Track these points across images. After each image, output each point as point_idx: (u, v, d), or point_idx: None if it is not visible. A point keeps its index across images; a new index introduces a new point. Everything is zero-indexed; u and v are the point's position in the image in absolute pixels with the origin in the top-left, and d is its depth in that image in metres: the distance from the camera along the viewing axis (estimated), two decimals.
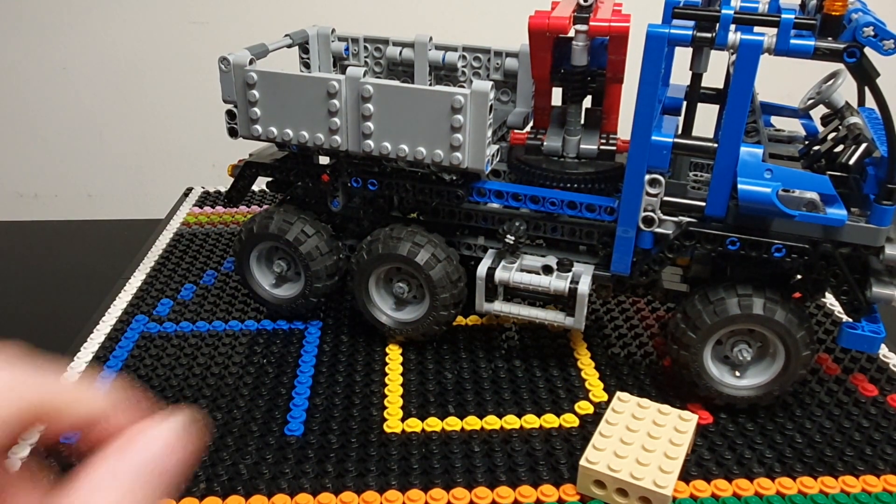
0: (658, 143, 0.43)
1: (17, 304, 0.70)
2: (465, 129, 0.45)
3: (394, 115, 0.46)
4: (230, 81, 0.51)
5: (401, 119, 0.46)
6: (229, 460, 0.42)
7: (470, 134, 0.45)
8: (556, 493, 0.41)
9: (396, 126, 0.47)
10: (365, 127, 0.47)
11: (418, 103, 0.45)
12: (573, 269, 0.47)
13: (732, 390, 0.46)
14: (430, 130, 0.46)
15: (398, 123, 0.46)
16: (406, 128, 0.46)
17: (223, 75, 0.51)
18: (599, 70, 0.49)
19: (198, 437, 0.21)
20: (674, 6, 0.42)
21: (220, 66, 0.50)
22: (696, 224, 0.44)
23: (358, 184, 0.51)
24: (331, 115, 0.48)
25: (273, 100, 0.49)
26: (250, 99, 0.49)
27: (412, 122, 0.46)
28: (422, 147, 0.46)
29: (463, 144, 0.45)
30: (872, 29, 0.39)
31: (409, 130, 0.46)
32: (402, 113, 0.46)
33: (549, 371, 0.51)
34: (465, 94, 0.44)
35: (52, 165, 1.17)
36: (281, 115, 0.49)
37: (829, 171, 0.44)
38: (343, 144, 0.48)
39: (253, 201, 0.80)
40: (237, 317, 0.57)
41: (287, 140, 0.50)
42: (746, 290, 0.44)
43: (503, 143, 0.53)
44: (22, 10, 1.08)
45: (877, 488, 0.41)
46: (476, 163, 0.46)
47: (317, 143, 0.49)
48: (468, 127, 0.45)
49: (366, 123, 0.47)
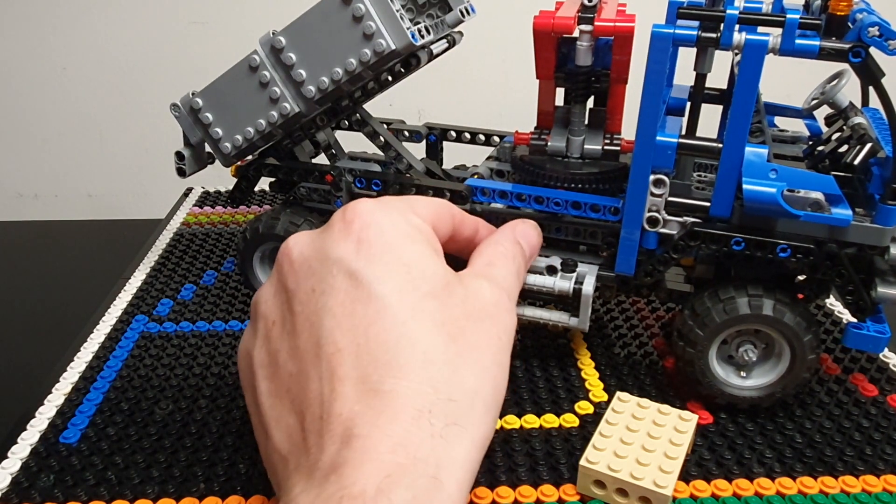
0: (663, 144, 0.43)
1: (17, 304, 0.70)
2: (369, 14, 0.45)
3: (311, 48, 0.46)
4: (187, 121, 0.51)
5: (318, 46, 0.46)
6: (228, 460, 0.42)
7: (377, 15, 0.45)
8: (556, 493, 0.40)
9: (319, 55, 0.46)
10: (296, 75, 0.47)
11: (320, 20, 0.45)
12: (577, 270, 0.47)
13: (735, 390, 0.46)
14: (344, 36, 0.46)
15: (318, 52, 0.46)
16: (326, 50, 0.46)
17: (180, 120, 0.52)
18: (603, 70, 0.49)
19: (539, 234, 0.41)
20: (678, 6, 0.42)
21: (174, 114, 0.52)
22: (700, 224, 0.44)
23: (362, 184, 0.51)
24: (265, 86, 0.48)
25: (222, 110, 0.50)
26: (205, 122, 0.50)
27: (327, 41, 0.46)
28: (350, 58, 0.46)
29: (377, 28, 0.45)
30: (878, 29, 0.39)
31: (330, 51, 0.46)
32: (315, 40, 0.46)
33: (549, 371, 0.51)
34: None
35: (52, 165, 1.16)
36: (235, 119, 0.50)
37: (834, 172, 0.44)
38: (291, 108, 0.48)
39: (252, 201, 0.80)
40: (237, 317, 0.57)
41: (251, 138, 0.50)
42: (757, 290, 0.44)
43: (451, 38, 0.52)
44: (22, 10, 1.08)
45: (877, 488, 0.41)
46: (400, 39, 0.45)
47: (271, 121, 0.49)
48: (370, 9, 0.45)
49: (296, 71, 0.47)
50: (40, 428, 0.44)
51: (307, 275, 0.32)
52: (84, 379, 0.49)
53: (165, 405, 0.46)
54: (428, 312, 0.30)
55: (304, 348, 0.30)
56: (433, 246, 0.34)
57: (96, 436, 0.44)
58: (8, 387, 0.57)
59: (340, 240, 0.32)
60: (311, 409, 0.29)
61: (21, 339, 0.64)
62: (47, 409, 0.46)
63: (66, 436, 0.44)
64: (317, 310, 0.31)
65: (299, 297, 0.32)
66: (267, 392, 0.32)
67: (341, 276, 0.31)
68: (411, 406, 0.28)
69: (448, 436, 0.28)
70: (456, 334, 0.31)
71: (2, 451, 0.42)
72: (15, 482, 0.40)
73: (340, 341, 0.29)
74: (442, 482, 0.27)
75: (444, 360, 0.29)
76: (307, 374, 0.30)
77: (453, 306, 0.31)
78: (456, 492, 0.27)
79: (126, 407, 0.46)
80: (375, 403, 0.28)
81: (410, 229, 0.33)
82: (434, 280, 0.32)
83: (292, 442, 0.30)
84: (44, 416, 0.45)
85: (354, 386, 0.28)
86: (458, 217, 0.38)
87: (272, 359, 0.32)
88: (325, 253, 0.32)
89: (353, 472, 0.26)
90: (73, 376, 0.49)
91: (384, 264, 0.31)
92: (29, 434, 0.44)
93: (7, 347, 0.63)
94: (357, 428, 0.27)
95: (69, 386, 0.48)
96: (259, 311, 0.34)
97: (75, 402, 0.47)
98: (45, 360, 0.53)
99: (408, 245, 0.32)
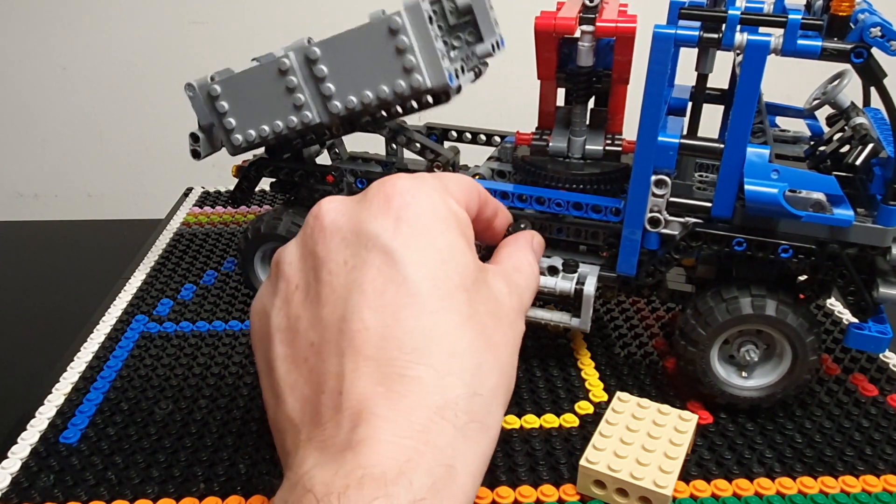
0: (665, 144, 0.43)
1: (17, 304, 0.70)
2: (412, 49, 0.44)
3: (346, 66, 0.46)
4: (200, 105, 0.51)
5: (353, 67, 0.46)
6: (228, 460, 0.42)
7: (419, 51, 0.44)
8: (556, 493, 0.40)
9: (352, 76, 0.46)
10: (325, 89, 0.47)
11: (362, 43, 0.45)
12: (579, 270, 0.47)
13: (735, 390, 0.46)
14: (383, 65, 0.45)
15: (353, 72, 0.46)
16: (361, 73, 0.46)
17: (193, 101, 0.51)
18: (605, 71, 0.49)
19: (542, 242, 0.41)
20: (680, 7, 0.42)
21: (188, 94, 0.51)
22: (702, 225, 0.44)
23: (363, 185, 0.51)
24: (291, 91, 0.47)
25: (240, 102, 0.49)
26: (220, 111, 0.50)
27: (364, 64, 0.45)
28: (383, 85, 0.46)
29: (417, 64, 0.45)
30: (880, 29, 0.39)
31: (365, 74, 0.46)
32: (352, 61, 0.46)
33: (549, 371, 0.51)
34: (398, 12, 0.44)
35: (52, 165, 1.16)
36: (252, 115, 0.49)
37: (835, 172, 0.44)
38: (314, 117, 0.48)
39: (252, 201, 0.80)
40: (237, 317, 0.57)
41: (265, 136, 0.50)
42: (760, 290, 0.44)
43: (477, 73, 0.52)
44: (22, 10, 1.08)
45: (877, 488, 0.41)
46: (437, 79, 0.45)
47: (290, 125, 0.49)
48: (414, 44, 0.44)
49: (325, 85, 0.47)
50: (40, 428, 0.44)
51: (340, 245, 0.31)
52: (84, 379, 0.49)
53: (165, 405, 0.46)
54: (457, 305, 0.30)
55: (329, 320, 0.30)
56: (466, 234, 0.33)
57: (96, 436, 0.44)
58: (8, 387, 0.57)
59: (379, 215, 0.31)
60: (329, 382, 0.29)
61: (21, 339, 0.64)
62: (47, 409, 0.46)
63: (66, 436, 0.44)
64: (346, 283, 0.30)
65: (329, 266, 0.31)
66: (283, 357, 0.31)
67: (376, 253, 0.30)
68: (437, 395, 0.28)
69: (468, 431, 0.28)
70: (480, 330, 0.30)
71: (2, 451, 0.42)
72: (15, 482, 0.40)
73: (368, 319, 0.29)
74: (458, 473, 0.27)
75: (470, 354, 0.29)
76: (329, 347, 0.29)
77: (479, 302, 0.31)
78: (470, 486, 0.27)
79: (126, 407, 0.46)
80: (399, 388, 0.27)
81: (447, 213, 0.33)
82: (466, 273, 0.31)
83: (305, 412, 0.29)
84: (44, 416, 0.45)
85: (378, 367, 0.28)
86: (483, 197, 0.38)
87: (291, 323, 0.31)
88: (361, 225, 0.31)
89: (372, 452, 0.26)
90: (73, 376, 0.49)
91: (420, 249, 0.30)
92: (29, 434, 0.44)
93: (7, 347, 0.63)
94: (378, 408, 0.27)
95: (69, 386, 0.48)
96: (282, 270, 0.33)
97: (75, 402, 0.47)
98: (45, 360, 0.53)
99: (444, 231, 0.32)
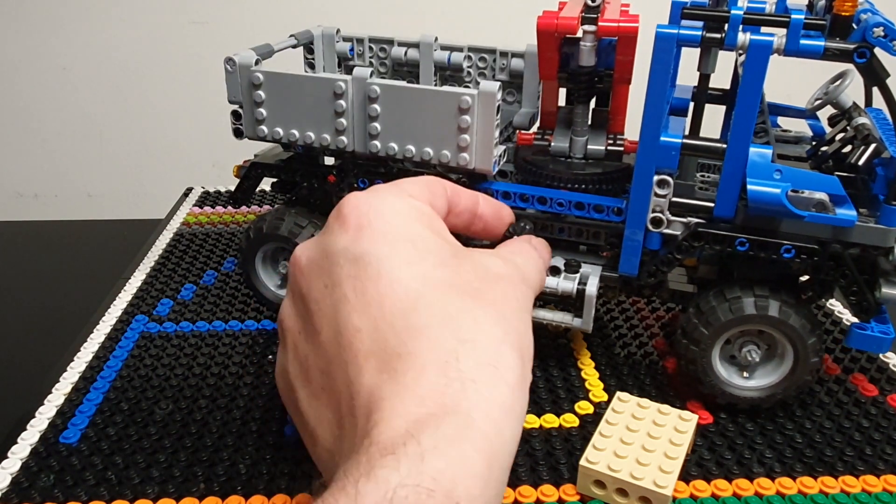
0: (667, 144, 0.43)
1: (17, 304, 0.70)
2: (472, 130, 0.45)
3: (400, 116, 0.46)
4: (236, 82, 0.50)
5: (407, 119, 0.46)
6: (228, 460, 0.42)
7: (477, 134, 0.45)
8: (556, 493, 0.40)
9: (403, 126, 0.46)
10: (371, 127, 0.47)
11: (425, 104, 0.45)
12: (581, 271, 0.47)
13: (736, 390, 0.46)
14: (438, 131, 0.46)
15: (405, 124, 0.46)
16: (413, 128, 0.46)
17: (229, 76, 0.50)
18: (607, 70, 0.49)
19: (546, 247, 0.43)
20: (682, 7, 0.42)
21: (227, 67, 0.50)
22: (704, 225, 0.44)
23: (365, 185, 0.51)
24: (337, 115, 0.47)
25: (279, 100, 0.49)
26: (256, 100, 0.49)
27: (419, 122, 0.46)
28: (429, 148, 0.46)
29: (470, 145, 0.45)
30: (882, 29, 0.39)
31: (416, 131, 0.46)
32: (408, 113, 0.46)
33: (549, 371, 0.51)
34: (472, 94, 0.44)
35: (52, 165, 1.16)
36: (287, 116, 0.49)
37: (838, 172, 0.44)
38: (349, 145, 0.48)
39: (252, 202, 0.80)
40: (237, 317, 0.57)
41: (293, 141, 0.49)
42: (763, 291, 0.43)
43: (509, 143, 0.53)
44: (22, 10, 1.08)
45: (877, 488, 0.41)
46: (483, 163, 0.46)
47: (323, 143, 0.49)
48: (475, 128, 0.45)
49: (372, 124, 0.47)
50: (40, 428, 0.44)
51: (317, 274, 0.32)
52: (84, 379, 0.49)
53: (165, 405, 0.46)
54: (439, 279, 0.30)
55: (328, 342, 0.31)
56: (434, 224, 0.34)
57: (96, 436, 0.44)
58: (8, 387, 0.57)
59: (340, 233, 0.32)
60: (342, 395, 0.29)
61: (21, 339, 0.64)
62: (47, 409, 0.46)
63: (66, 436, 0.43)
64: (332, 303, 0.31)
65: (313, 296, 0.32)
66: (305, 398, 0.32)
67: (348, 265, 0.31)
68: (435, 358, 0.28)
69: (479, 377, 0.27)
70: (472, 293, 0.31)
71: (2, 451, 0.42)
72: (15, 482, 0.40)
73: (358, 322, 0.30)
74: (473, 420, 0.26)
75: (463, 313, 0.29)
76: (334, 365, 0.30)
77: (465, 272, 0.31)
78: (492, 431, 0.26)
79: (126, 407, 0.46)
80: (399, 366, 0.28)
81: (408, 208, 0.33)
82: (441, 251, 0.32)
83: (333, 434, 0.30)
84: (44, 416, 0.45)
85: (377, 358, 0.28)
86: (451, 189, 0.38)
87: (303, 365, 0.32)
88: (328, 249, 0.32)
89: (382, 428, 0.26)
90: (73, 376, 0.49)
91: (388, 243, 0.31)
92: (29, 434, 0.44)
93: (7, 347, 0.63)
94: (384, 392, 0.27)
95: (69, 386, 0.48)
96: (284, 326, 0.35)
97: (75, 402, 0.46)
98: (45, 360, 0.53)
99: (408, 223, 0.33)
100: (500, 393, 0.28)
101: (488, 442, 0.26)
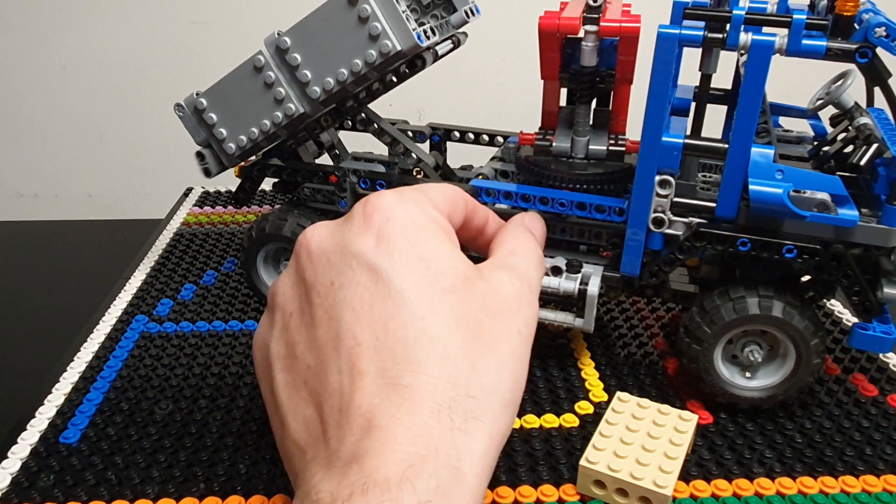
0: (669, 144, 0.43)
1: (17, 304, 0.70)
2: (374, 15, 0.45)
3: (316, 49, 0.46)
4: (191, 122, 0.51)
5: (324, 47, 0.46)
6: (228, 460, 0.42)
7: (382, 16, 0.45)
8: (556, 493, 0.40)
9: (324, 56, 0.47)
10: (301, 76, 0.47)
11: (326, 20, 0.46)
12: (582, 271, 0.47)
13: (737, 390, 0.46)
14: (350, 37, 0.46)
15: (324, 53, 0.46)
16: (332, 51, 0.46)
17: (184, 121, 0.52)
18: (608, 70, 0.49)
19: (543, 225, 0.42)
20: (683, 7, 0.42)
21: (178, 114, 0.52)
22: (706, 225, 0.44)
23: (366, 185, 0.51)
24: (270, 87, 0.48)
25: (227, 110, 0.50)
26: (210, 122, 0.50)
27: (333, 42, 0.46)
28: (355, 59, 0.46)
29: (383, 29, 0.45)
30: (884, 29, 0.39)
31: (336, 52, 0.46)
32: (321, 41, 0.46)
33: (549, 371, 0.51)
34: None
35: (52, 165, 1.16)
36: (239, 120, 0.50)
37: (840, 172, 0.44)
38: (296, 108, 0.48)
39: (252, 202, 0.80)
40: (237, 317, 0.57)
41: (256, 139, 0.50)
42: (768, 291, 0.43)
43: (456, 39, 0.52)
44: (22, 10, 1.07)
45: (877, 488, 0.41)
46: (406, 41, 0.45)
47: (276, 122, 0.49)
48: (376, 10, 0.45)
49: (301, 72, 0.47)
50: (40, 428, 0.44)
51: (326, 267, 0.32)
52: (84, 379, 0.49)
53: (165, 405, 0.46)
54: (447, 308, 0.31)
55: (323, 340, 0.31)
56: (451, 239, 0.34)
57: (96, 436, 0.43)
58: (8, 387, 0.57)
59: (361, 233, 0.32)
60: (329, 401, 0.29)
61: (21, 339, 0.64)
62: (47, 409, 0.46)
63: (66, 436, 0.43)
64: (336, 303, 0.31)
65: (318, 289, 0.32)
66: (284, 384, 0.32)
67: (361, 271, 0.31)
68: (430, 400, 0.28)
69: (468, 430, 0.28)
70: (475, 329, 0.31)
71: (2, 451, 0.42)
72: (15, 482, 0.40)
73: (360, 335, 0.30)
74: (464, 473, 0.27)
75: (462, 356, 0.30)
76: (326, 367, 0.30)
77: (472, 301, 0.32)
78: (476, 484, 0.28)
79: (126, 407, 0.46)
80: (394, 397, 0.28)
81: (429, 223, 0.33)
82: (453, 274, 0.32)
83: (310, 433, 0.30)
84: (44, 416, 0.45)
85: (374, 380, 0.29)
86: (471, 205, 0.38)
87: (289, 350, 0.32)
88: (344, 246, 0.32)
89: (375, 461, 0.26)
90: (73, 376, 0.49)
91: (404, 260, 0.31)
92: (29, 434, 0.43)
93: (7, 347, 0.62)
94: (377, 420, 0.27)
95: (69, 386, 0.48)
96: (276, 301, 0.34)
97: (75, 402, 0.46)
98: (45, 360, 0.53)
99: (427, 239, 0.33)
100: (484, 447, 0.29)
101: (474, 498, 0.28)
